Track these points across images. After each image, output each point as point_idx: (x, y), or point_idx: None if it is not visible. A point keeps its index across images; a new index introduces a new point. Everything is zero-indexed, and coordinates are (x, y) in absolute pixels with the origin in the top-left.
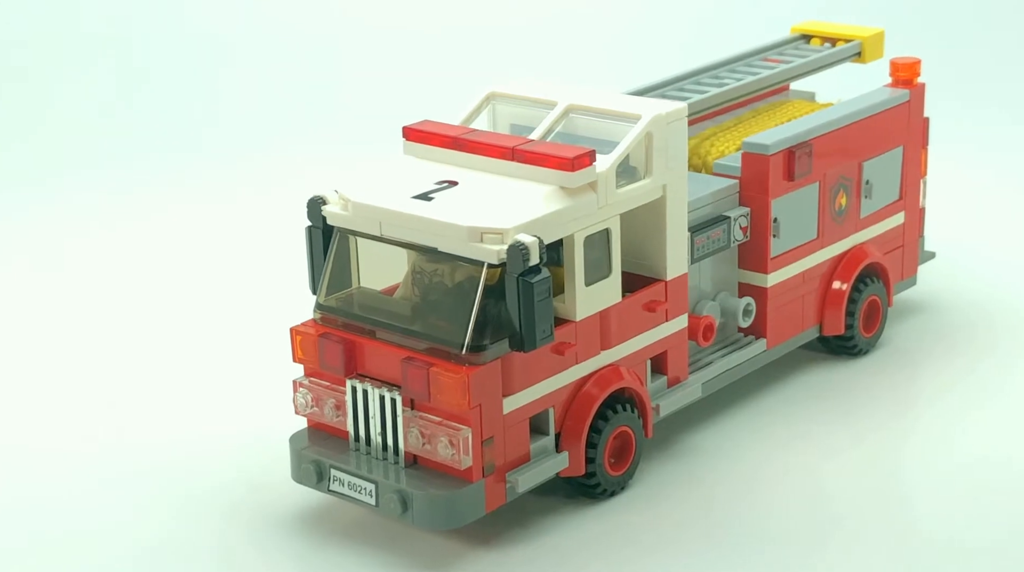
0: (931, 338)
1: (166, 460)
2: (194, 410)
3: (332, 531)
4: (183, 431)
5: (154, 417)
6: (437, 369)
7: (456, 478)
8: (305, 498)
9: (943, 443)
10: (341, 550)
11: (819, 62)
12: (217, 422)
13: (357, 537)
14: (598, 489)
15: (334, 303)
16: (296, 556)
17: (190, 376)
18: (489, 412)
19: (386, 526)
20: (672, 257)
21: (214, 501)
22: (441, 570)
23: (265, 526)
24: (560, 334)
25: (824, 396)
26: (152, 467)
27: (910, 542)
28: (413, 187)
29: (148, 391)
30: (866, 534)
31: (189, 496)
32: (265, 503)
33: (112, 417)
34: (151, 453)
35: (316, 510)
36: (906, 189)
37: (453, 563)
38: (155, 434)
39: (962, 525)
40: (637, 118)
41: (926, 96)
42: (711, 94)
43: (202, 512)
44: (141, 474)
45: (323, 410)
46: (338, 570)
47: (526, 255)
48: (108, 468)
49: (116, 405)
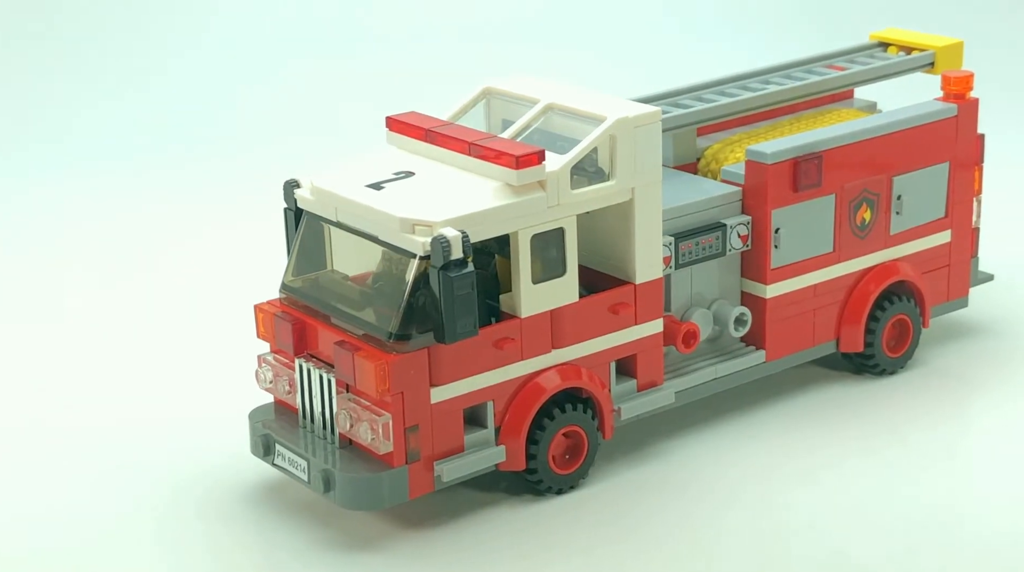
0: (975, 362)
1: (149, 435)
2: (185, 388)
3: (280, 504)
4: (173, 408)
5: (140, 395)
6: (360, 354)
7: (381, 462)
8: (264, 473)
9: (920, 481)
10: (280, 523)
11: (881, 71)
12: (205, 399)
13: (298, 511)
14: (541, 486)
15: (297, 284)
16: (234, 523)
17: (178, 354)
18: (413, 400)
19: (325, 503)
20: (642, 261)
21: (175, 471)
22: (364, 548)
23: (219, 497)
24: (502, 330)
25: (827, 414)
26: (136, 443)
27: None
28: (373, 176)
29: (137, 370)
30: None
31: (160, 467)
32: (227, 476)
33: (110, 397)
34: (128, 429)
35: (272, 484)
36: (953, 207)
37: (376, 542)
38: (139, 410)
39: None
40: (602, 119)
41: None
42: (742, 98)
43: (159, 482)
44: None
45: (278, 386)
46: (266, 539)
47: (447, 249)
48: (102, 449)
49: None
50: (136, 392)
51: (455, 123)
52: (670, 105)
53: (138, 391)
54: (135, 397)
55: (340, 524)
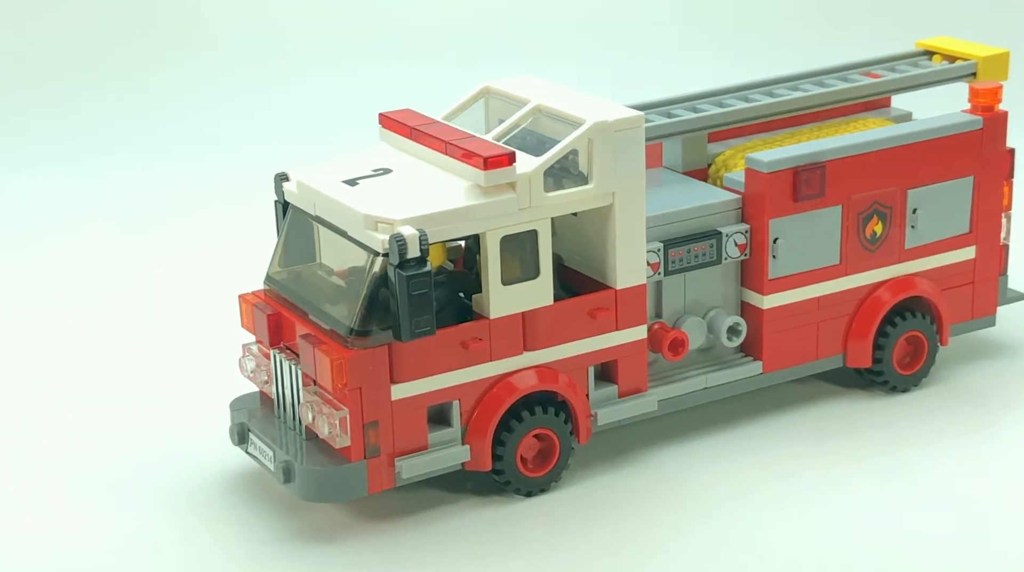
0: (995, 381)
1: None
2: (174, 376)
3: (252, 493)
4: (161, 397)
5: (136, 389)
6: (321, 349)
7: (341, 456)
8: (244, 461)
9: (907, 509)
10: (248, 511)
11: (917, 79)
12: (195, 387)
13: (268, 501)
14: (509, 487)
15: (280, 276)
16: (208, 510)
17: (170, 344)
18: (372, 396)
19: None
20: (623, 266)
21: (161, 457)
22: (323, 539)
23: (197, 483)
24: (469, 330)
25: (827, 429)
26: (122, 428)
27: None
28: (352, 172)
29: (128, 362)
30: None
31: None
32: (209, 461)
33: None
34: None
35: (251, 473)
36: (979, 222)
37: (336, 534)
38: (137, 403)
39: None
40: (581, 122)
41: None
42: (755, 105)
43: (142, 468)
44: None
45: (258, 376)
46: (237, 525)
47: (403, 247)
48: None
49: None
50: (122, 380)
51: (442, 122)
52: (686, 109)
53: (124, 379)
54: (121, 384)
55: (304, 516)
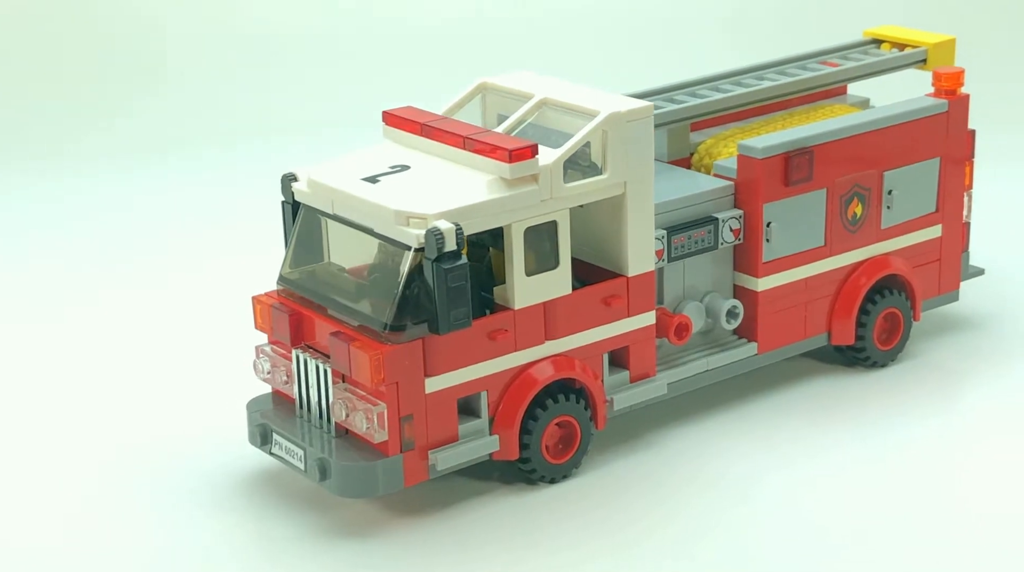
0: (966, 355)
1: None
2: (185, 379)
3: (277, 493)
4: (173, 399)
5: (152, 391)
6: (355, 345)
7: (376, 451)
8: (261, 462)
9: (907, 467)
10: (277, 511)
11: (874, 67)
12: (205, 390)
13: (295, 500)
14: (534, 475)
15: (294, 276)
16: (233, 512)
17: (178, 346)
18: (408, 390)
19: (321, 491)
20: (635, 254)
21: (174, 461)
22: (360, 535)
23: (218, 486)
24: (496, 321)
25: (821, 405)
26: (134, 432)
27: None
28: (369, 169)
29: (136, 363)
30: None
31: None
32: (226, 465)
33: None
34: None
35: (269, 473)
36: (944, 202)
37: (372, 530)
38: (153, 408)
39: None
40: (595, 114)
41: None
42: (734, 94)
43: (158, 472)
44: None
45: (275, 377)
46: (263, 527)
47: (441, 241)
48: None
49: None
50: (135, 384)
51: (450, 118)
52: (664, 100)
53: (137, 383)
54: (134, 388)
55: (337, 512)
